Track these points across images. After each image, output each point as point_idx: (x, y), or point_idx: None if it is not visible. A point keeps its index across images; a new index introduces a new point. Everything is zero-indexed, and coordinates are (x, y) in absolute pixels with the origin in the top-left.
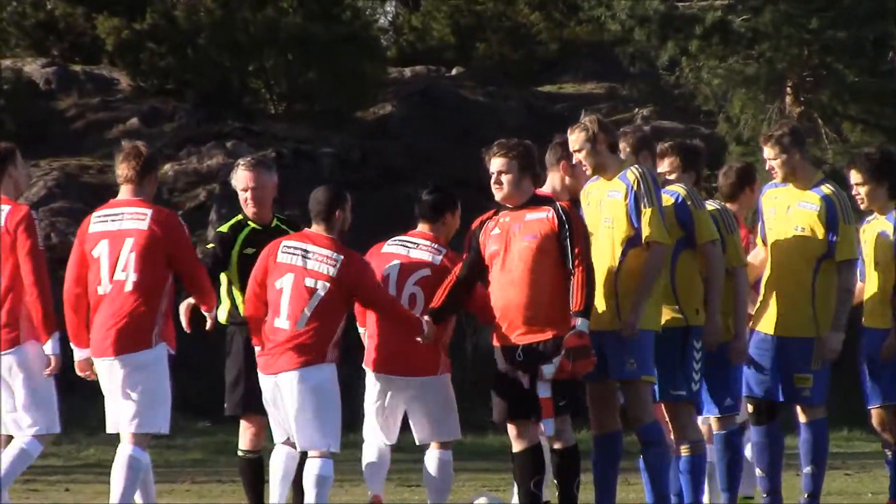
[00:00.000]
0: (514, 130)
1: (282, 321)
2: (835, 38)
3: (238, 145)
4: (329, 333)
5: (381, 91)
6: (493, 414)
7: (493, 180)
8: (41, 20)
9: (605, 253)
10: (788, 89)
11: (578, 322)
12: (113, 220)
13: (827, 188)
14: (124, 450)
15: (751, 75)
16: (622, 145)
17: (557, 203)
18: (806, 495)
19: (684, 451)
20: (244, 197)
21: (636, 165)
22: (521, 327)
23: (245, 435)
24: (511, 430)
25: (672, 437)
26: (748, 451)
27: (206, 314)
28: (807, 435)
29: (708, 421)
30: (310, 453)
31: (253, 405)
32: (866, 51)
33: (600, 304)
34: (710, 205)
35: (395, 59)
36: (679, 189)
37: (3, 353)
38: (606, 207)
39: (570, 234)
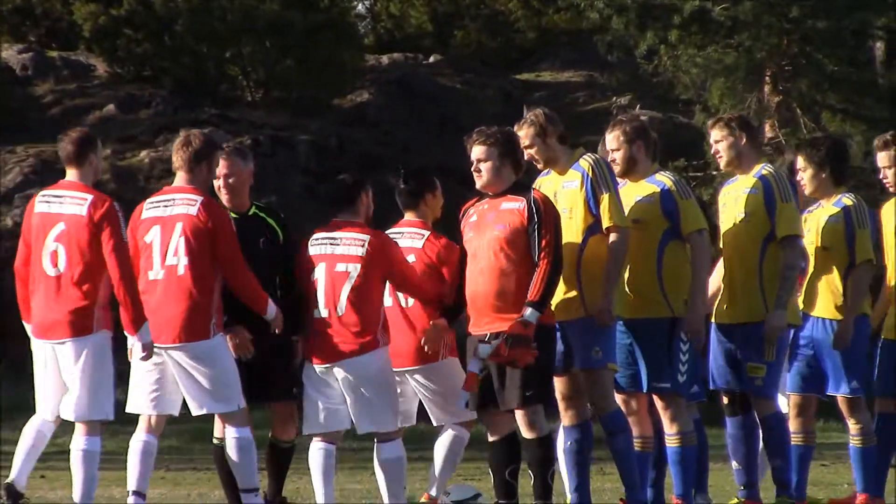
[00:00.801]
0: (491, 118)
1: (321, 310)
2: (814, 28)
3: (215, 132)
4: (373, 317)
5: (358, 78)
6: (467, 403)
7: (473, 168)
8: (18, 5)
9: (566, 243)
10: (767, 79)
11: (527, 312)
12: (165, 206)
13: (764, 169)
14: (230, 433)
15: (730, 64)
16: (616, 133)
17: (532, 193)
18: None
19: (674, 442)
20: (218, 185)
21: (588, 154)
22: (489, 316)
23: (220, 423)
24: (486, 419)
25: (640, 429)
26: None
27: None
28: (767, 429)
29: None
30: (376, 438)
31: None
32: (846, 40)
33: (563, 293)
34: None
35: (373, 46)
36: (665, 179)
37: (73, 338)
38: (563, 198)
39: (539, 226)
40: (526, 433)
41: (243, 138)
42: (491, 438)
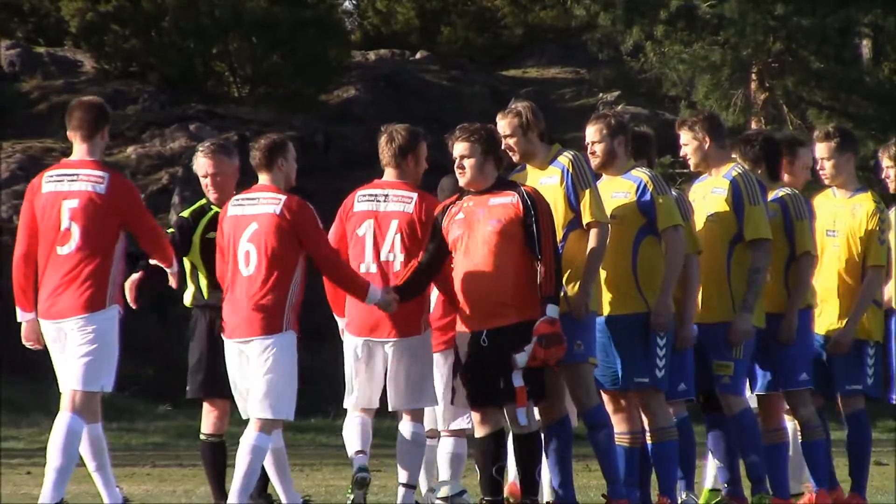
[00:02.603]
0: (478, 115)
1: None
2: (800, 25)
3: (201, 128)
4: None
5: (345, 75)
6: (453, 399)
7: (455, 165)
8: (5, 1)
9: None
10: (754, 76)
11: (549, 308)
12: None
13: (735, 171)
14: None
15: (716, 61)
16: (599, 126)
17: (522, 187)
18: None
19: (655, 437)
20: (205, 183)
21: (567, 150)
22: (485, 312)
23: (208, 418)
24: (474, 415)
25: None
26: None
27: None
28: (737, 426)
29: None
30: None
31: (216, 388)
32: (831, 38)
33: None
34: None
35: (360, 42)
36: (641, 175)
37: (259, 337)
38: (542, 194)
39: (537, 218)
40: (515, 429)
41: (230, 134)
42: (478, 434)
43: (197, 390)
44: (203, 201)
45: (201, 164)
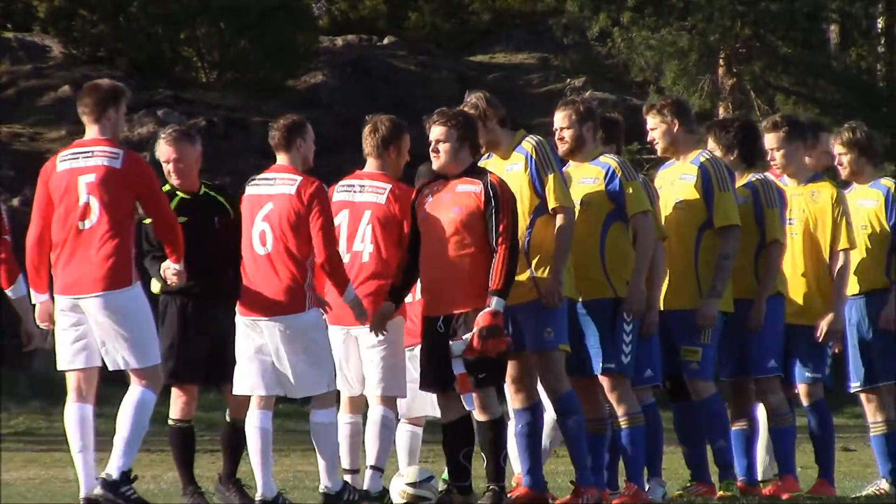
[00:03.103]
0: (445, 100)
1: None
2: (768, 10)
3: (169, 114)
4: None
5: (312, 60)
6: (421, 384)
7: (431, 148)
8: None
9: None
10: (721, 61)
11: (493, 301)
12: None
13: (703, 157)
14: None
15: (683, 47)
16: (568, 111)
17: (489, 177)
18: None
19: (623, 423)
20: (167, 169)
21: (530, 136)
22: (442, 298)
23: (176, 404)
24: (440, 400)
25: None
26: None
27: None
28: (704, 412)
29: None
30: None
31: (185, 374)
32: (799, 23)
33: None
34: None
35: (327, 28)
36: (610, 161)
37: (283, 316)
38: (507, 182)
39: (496, 210)
40: (479, 416)
41: (198, 119)
42: (444, 421)
43: (167, 376)
44: (167, 187)
45: (163, 150)
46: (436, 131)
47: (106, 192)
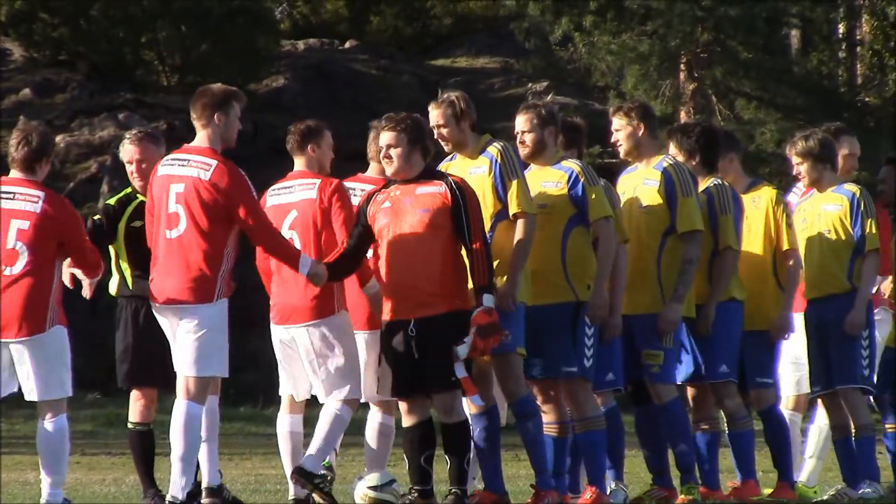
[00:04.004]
0: (407, 104)
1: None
2: (728, 15)
3: (130, 117)
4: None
5: (274, 64)
6: (378, 388)
7: (382, 154)
8: None
9: None
10: (682, 66)
11: (485, 298)
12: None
13: (666, 162)
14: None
15: (644, 52)
16: (529, 115)
17: (450, 177)
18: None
19: (582, 427)
20: (130, 170)
21: (496, 140)
22: (413, 301)
23: (135, 407)
24: (402, 405)
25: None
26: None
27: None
28: (667, 416)
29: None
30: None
31: (143, 377)
32: (759, 28)
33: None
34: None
35: (289, 31)
36: (573, 165)
37: (313, 322)
38: (470, 184)
39: (466, 208)
40: (444, 418)
41: (159, 123)
42: (406, 424)
43: (124, 379)
44: (129, 189)
45: (128, 150)
46: (385, 137)
47: (193, 203)
